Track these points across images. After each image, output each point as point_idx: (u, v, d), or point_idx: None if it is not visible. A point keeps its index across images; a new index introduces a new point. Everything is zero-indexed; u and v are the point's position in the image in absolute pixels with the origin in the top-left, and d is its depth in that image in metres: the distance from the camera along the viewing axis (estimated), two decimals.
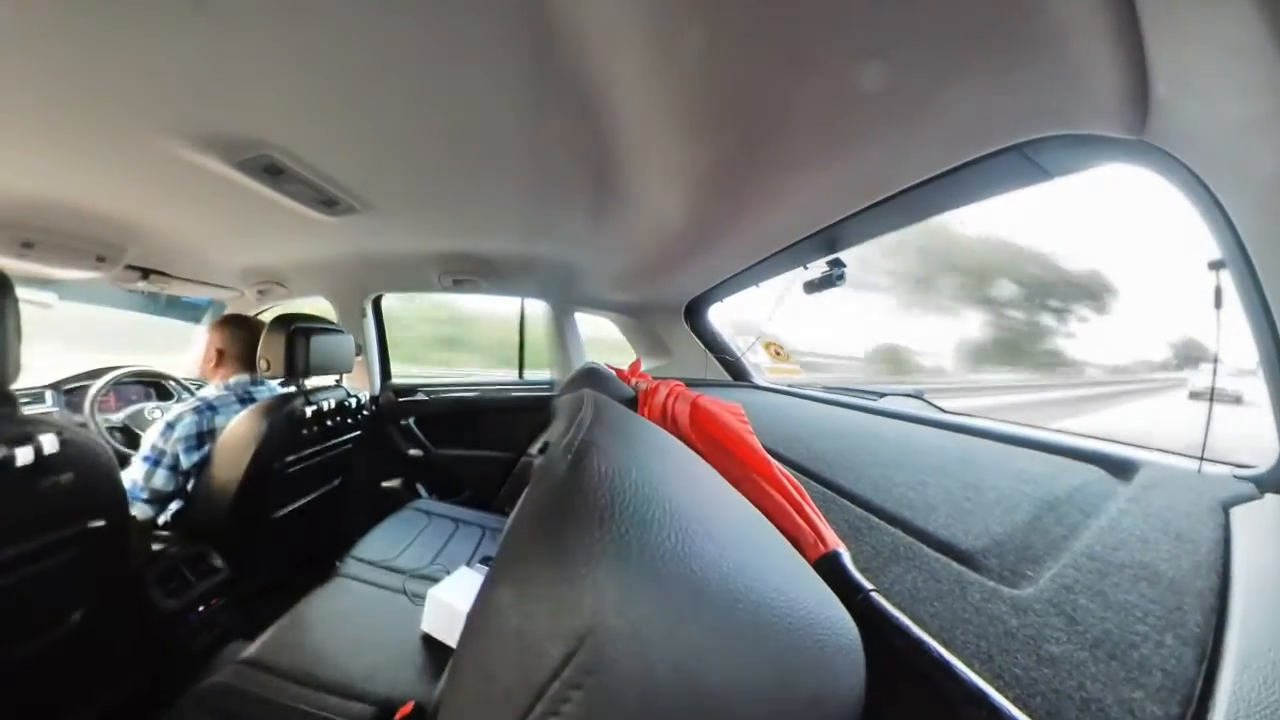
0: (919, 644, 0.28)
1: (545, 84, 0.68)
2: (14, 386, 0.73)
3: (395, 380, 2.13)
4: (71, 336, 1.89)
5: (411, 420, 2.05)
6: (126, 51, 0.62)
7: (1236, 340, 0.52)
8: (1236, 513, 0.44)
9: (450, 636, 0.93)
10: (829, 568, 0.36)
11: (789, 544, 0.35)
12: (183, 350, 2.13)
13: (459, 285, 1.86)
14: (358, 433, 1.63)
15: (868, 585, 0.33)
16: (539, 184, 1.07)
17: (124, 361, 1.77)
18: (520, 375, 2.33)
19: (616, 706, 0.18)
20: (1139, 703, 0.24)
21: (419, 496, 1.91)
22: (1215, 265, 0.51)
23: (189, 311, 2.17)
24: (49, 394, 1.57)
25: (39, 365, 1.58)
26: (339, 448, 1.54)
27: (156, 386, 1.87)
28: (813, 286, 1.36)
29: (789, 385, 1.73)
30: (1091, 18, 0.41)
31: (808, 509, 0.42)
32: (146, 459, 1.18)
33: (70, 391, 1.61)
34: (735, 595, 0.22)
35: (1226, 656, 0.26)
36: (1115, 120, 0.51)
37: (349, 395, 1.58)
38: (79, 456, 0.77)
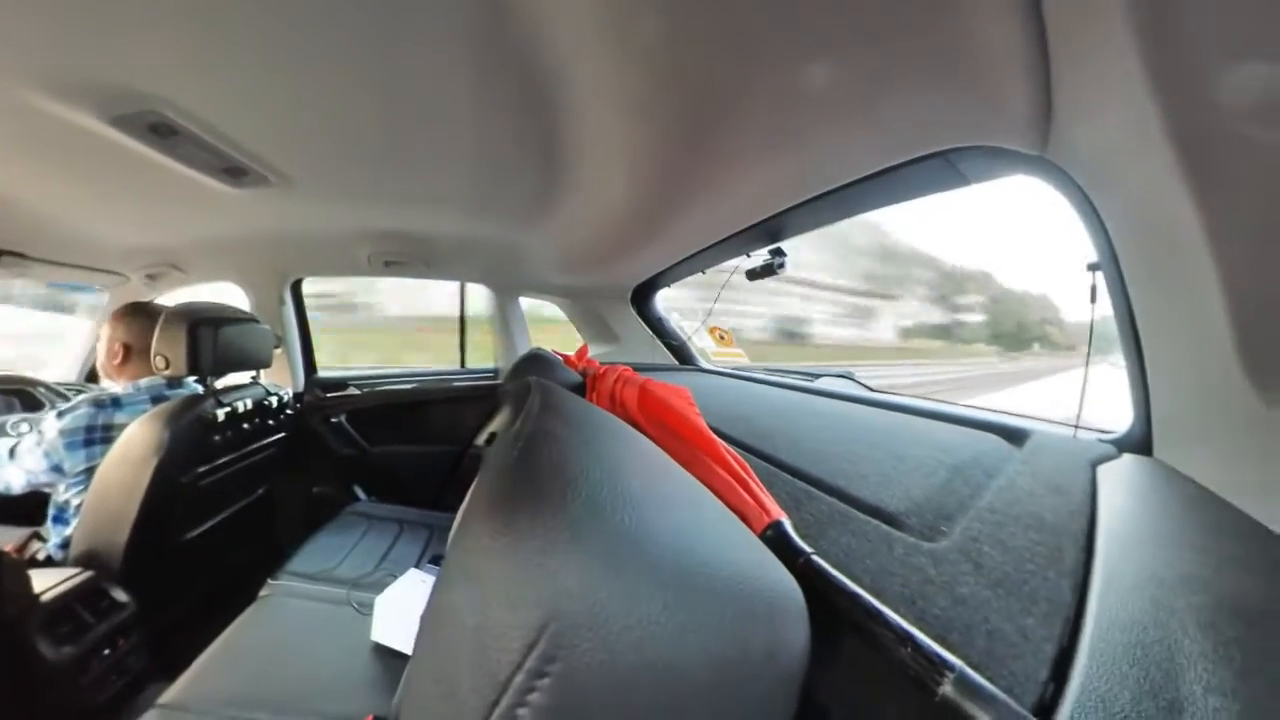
0: (854, 597, 0.32)
1: (491, 52, 0.64)
2: None
3: (321, 374, 1.96)
4: None
5: (343, 417, 1.90)
6: None
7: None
8: (1101, 469, 0.53)
9: (404, 643, 0.89)
10: (773, 536, 0.39)
11: (736, 517, 0.38)
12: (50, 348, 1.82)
13: (391, 268, 1.74)
14: (281, 434, 1.49)
15: (808, 549, 0.37)
16: (482, 159, 1.01)
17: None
18: (462, 364, 2.23)
19: (583, 690, 0.18)
20: (1031, 628, 0.29)
21: (357, 499, 1.79)
22: (1093, 267, 0.61)
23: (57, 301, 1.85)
24: None
25: None
26: (260, 453, 1.40)
27: (21, 395, 1.58)
28: (755, 274, 1.42)
29: (733, 368, 1.80)
30: (1008, 41, 0.46)
31: (752, 484, 0.45)
32: (12, 454, 1.04)
33: None
34: (689, 570, 0.23)
35: (1093, 583, 0.33)
36: (1023, 137, 0.57)
37: (269, 394, 1.43)
38: None
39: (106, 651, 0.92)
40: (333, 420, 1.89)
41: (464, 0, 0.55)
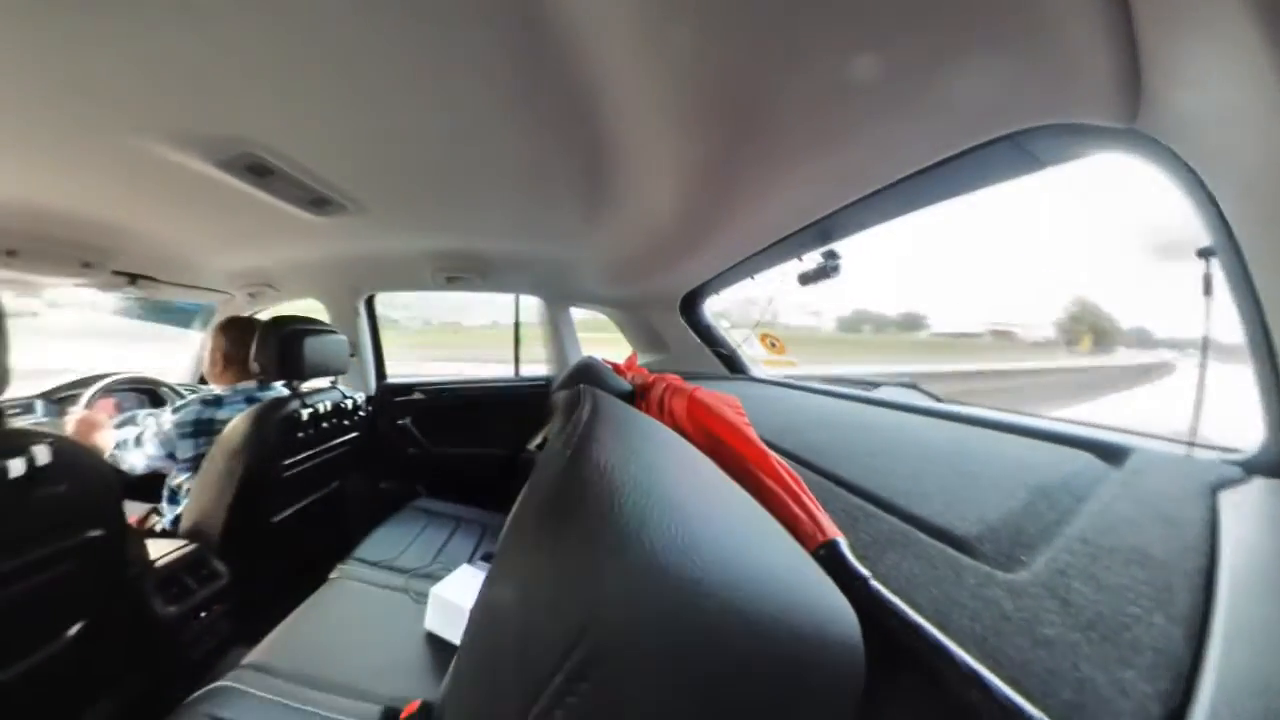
0: (916, 629, 0.29)
1: (535, 79, 0.68)
2: (3, 397, 0.72)
3: (390, 380, 2.12)
4: (61, 344, 1.87)
5: (408, 419, 2.05)
6: (102, 48, 0.60)
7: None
8: (1224, 496, 0.44)
9: (454, 634, 0.93)
10: (827, 556, 0.36)
11: (788, 533, 0.36)
12: (173, 356, 2.12)
13: (452, 283, 1.85)
14: (355, 434, 1.63)
15: (865, 573, 0.34)
16: (531, 179, 1.07)
17: (115, 369, 1.76)
18: (516, 372, 2.33)
19: (620, 699, 0.18)
20: (1130, 681, 0.25)
21: (418, 495, 1.91)
22: (1204, 253, 0.52)
23: (180, 316, 2.15)
24: (39, 404, 1.57)
25: (26, 373, 1.56)
26: (337, 449, 1.54)
27: (150, 394, 1.85)
28: (808, 278, 1.36)
29: (785, 377, 1.74)
30: (1084, 7, 0.41)
31: (805, 499, 0.43)
32: (139, 442, 1.22)
33: (61, 401, 1.59)
34: (735, 585, 0.22)
35: (1214, 634, 0.27)
36: (1107, 109, 0.51)
37: (345, 396, 1.58)
38: (73, 466, 0.76)
39: (204, 614, 1.05)
40: (399, 422, 2.03)
41: (505, 26, 0.58)
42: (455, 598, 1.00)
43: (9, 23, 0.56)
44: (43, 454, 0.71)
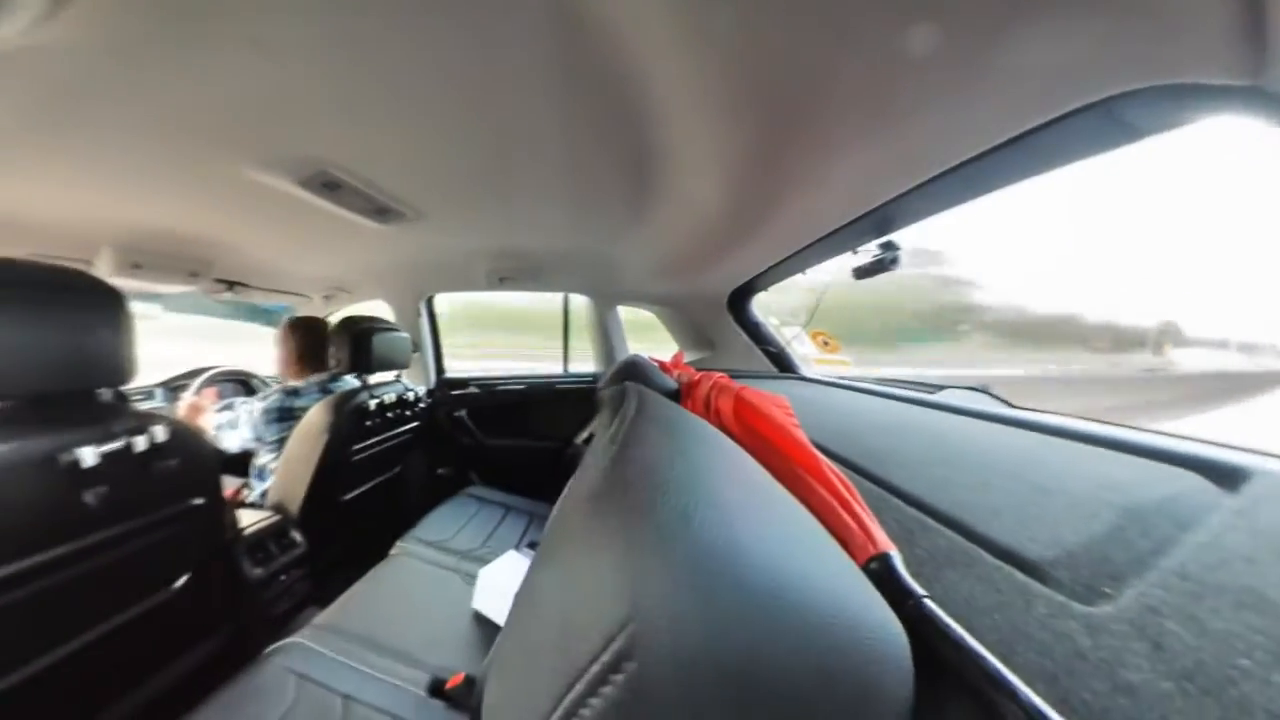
0: (975, 657, 0.26)
1: (577, 80, 0.69)
2: (130, 385, 0.84)
3: (448, 375, 2.25)
4: (173, 341, 2.15)
5: (464, 412, 2.16)
6: (198, 91, 0.69)
7: None
8: None
9: (498, 615, 0.98)
10: (878, 570, 0.34)
11: (836, 543, 0.34)
12: (262, 350, 2.37)
13: (505, 283, 1.93)
14: (415, 423, 1.75)
15: (920, 591, 0.31)
16: (577, 179, 1.08)
17: (217, 362, 2.03)
18: (565, 368, 2.39)
19: (654, 695, 0.18)
20: None
21: (471, 483, 2.02)
22: None
23: (268, 317, 2.40)
24: (158, 391, 1.85)
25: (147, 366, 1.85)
26: (399, 438, 1.66)
27: (244, 383, 2.11)
28: (863, 272, 1.28)
29: (838, 377, 1.65)
30: None
31: (857, 507, 0.40)
32: (235, 425, 1.40)
33: (174, 388, 1.87)
34: (778, 592, 0.21)
35: None
36: (1224, 65, 0.43)
37: (407, 389, 1.70)
38: (183, 444, 0.87)
39: (283, 577, 1.19)
40: (455, 414, 2.15)
41: (545, 32, 0.58)
42: (501, 581, 1.05)
43: (131, 74, 0.64)
44: (160, 433, 0.82)
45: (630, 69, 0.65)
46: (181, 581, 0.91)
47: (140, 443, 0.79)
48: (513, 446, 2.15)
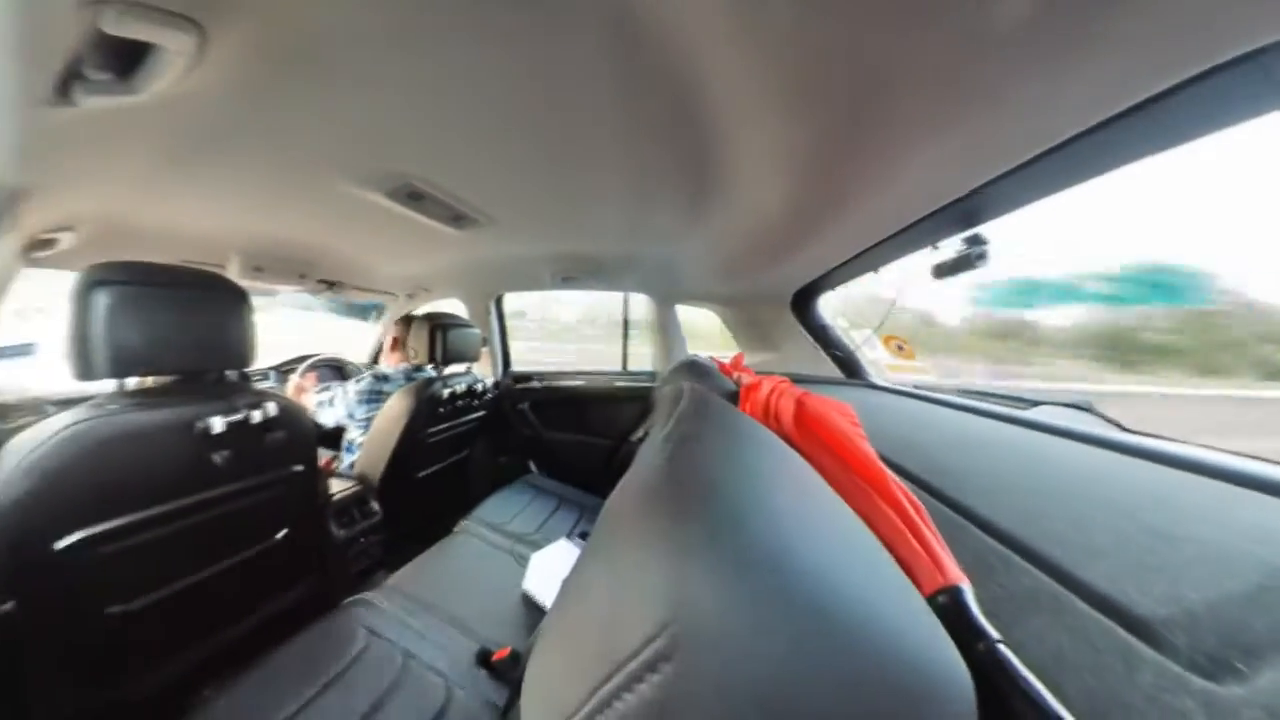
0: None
1: (635, 85, 0.70)
2: (250, 368, 0.99)
3: (514, 369, 2.38)
4: (284, 332, 2.51)
5: (526, 405, 2.28)
6: (307, 121, 0.80)
7: None
8: None
9: (546, 598, 1.02)
10: (946, 604, 0.30)
11: (899, 568, 0.31)
12: (356, 341, 2.69)
13: (567, 282, 2.00)
14: (482, 413, 1.88)
15: (994, 634, 0.28)
16: (637, 182, 1.10)
17: (319, 350, 2.35)
18: (624, 367, 2.43)
19: (689, 699, 0.18)
20: None
21: (530, 472, 2.13)
22: None
23: (361, 312, 2.71)
24: (271, 373, 2.17)
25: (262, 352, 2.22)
26: (468, 424, 1.80)
27: (340, 369, 2.40)
28: (945, 270, 1.16)
29: (913, 386, 1.52)
30: None
31: (925, 531, 0.36)
32: (331, 404, 1.60)
33: (284, 371, 2.19)
34: (829, 613, 0.20)
35: None
36: None
37: (477, 380, 1.83)
38: (289, 419, 1.01)
39: (362, 540, 1.34)
40: (519, 407, 2.27)
41: (602, 40, 0.60)
42: (551, 566, 1.09)
43: (254, 111, 0.76)
44: (272, 408, 0.96)
45: (687, 71, 0.64)
46: (281, 534, 1.06)
47: (256, 416, 0.93)
48: (570, 440, 2.23)
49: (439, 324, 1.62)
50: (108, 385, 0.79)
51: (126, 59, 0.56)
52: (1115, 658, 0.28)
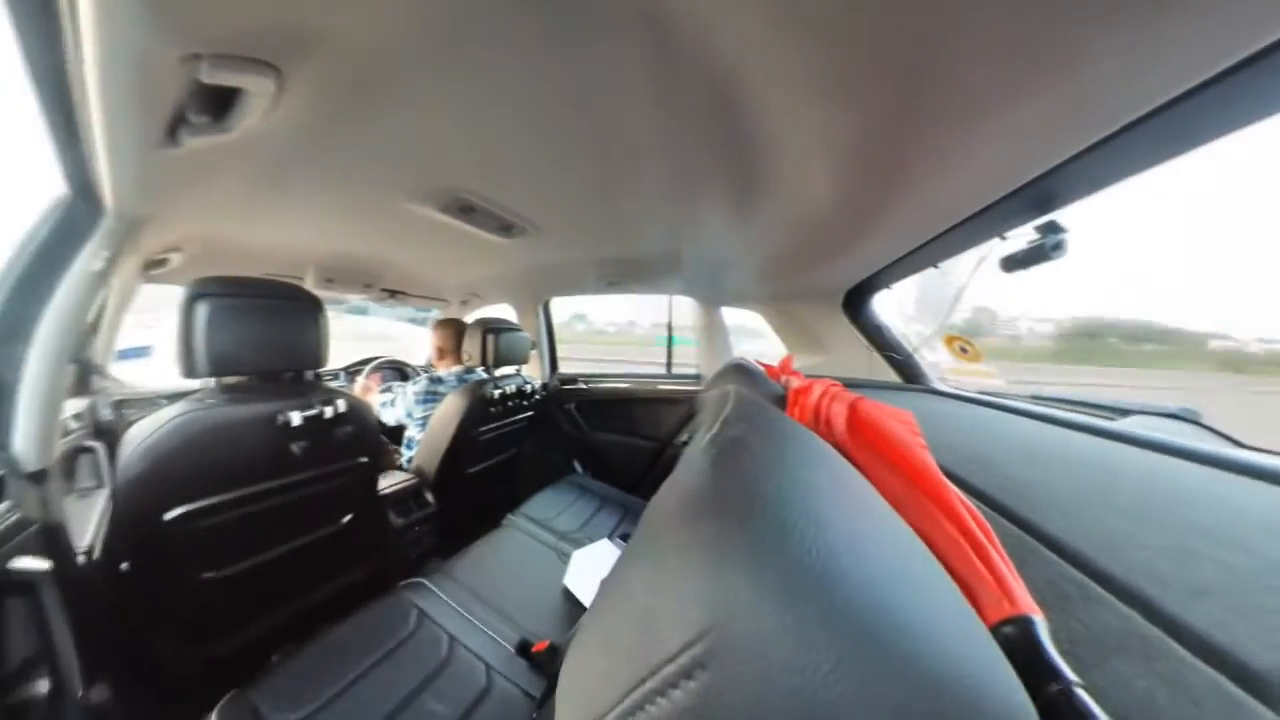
0: None
1: (674, 86, 0.69)
2: (324, 369, 1.10)
3: (561, 371, 2.45)
4: (351, 337, 2.74)
5: (573, 406, 2.33)
6: (369, 146, 0.87)
7: None
8: None
9: (585, 595, 1.04)
10: (1014, 637, 0.28)
11: (960, 591, 0.28)
12: (412, 344, 2.88)
13: (612, 286, 2.03)
14: (530, 413, 1.95)
15: (1072, 676, 0.25)
16: (680, 184, 1.10)
17: (381, 353, 2.54)
18: (668, 369, 2.43)
19: (725, 709, 0.17)
20: None
21: (574, 471, 2.17)
22: None
23: (419, 318, 2.91)
24: (340, 374, 2.39)
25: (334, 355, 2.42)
26: (517, 424, 1.87)
27: (400, 371, 2.58)
28: (1015, 262, 1.05)
29: (979, 392, 1.39)
30: None
31: (992, 552, 0.33)
32: (393, 403, 1.73)
33: (351, 372, 2.40)
34: (878, 634, 0.19)
35: None
36: None
37: (525, 382, 1.90)
38: (356, 415, 1.11)
39: (416, 529, 1.45)
40: (565, 407, 2.33)
41: (644, 44, 0.60)
42: (592, 564, 1.11)
43: (325, 140, 0.83)
44: (342, 405, 1.06)
45: (725, 64, 0.63)
46: (346, 519, 1.16)
47: (328, 411, 1.03)
48: (615, 442, 2.26)
49: (490, 328, 1.70)
50: (207, 382, 0.91)
51: (219, 103, 0.64)
52: (1221, 717, 0.24)
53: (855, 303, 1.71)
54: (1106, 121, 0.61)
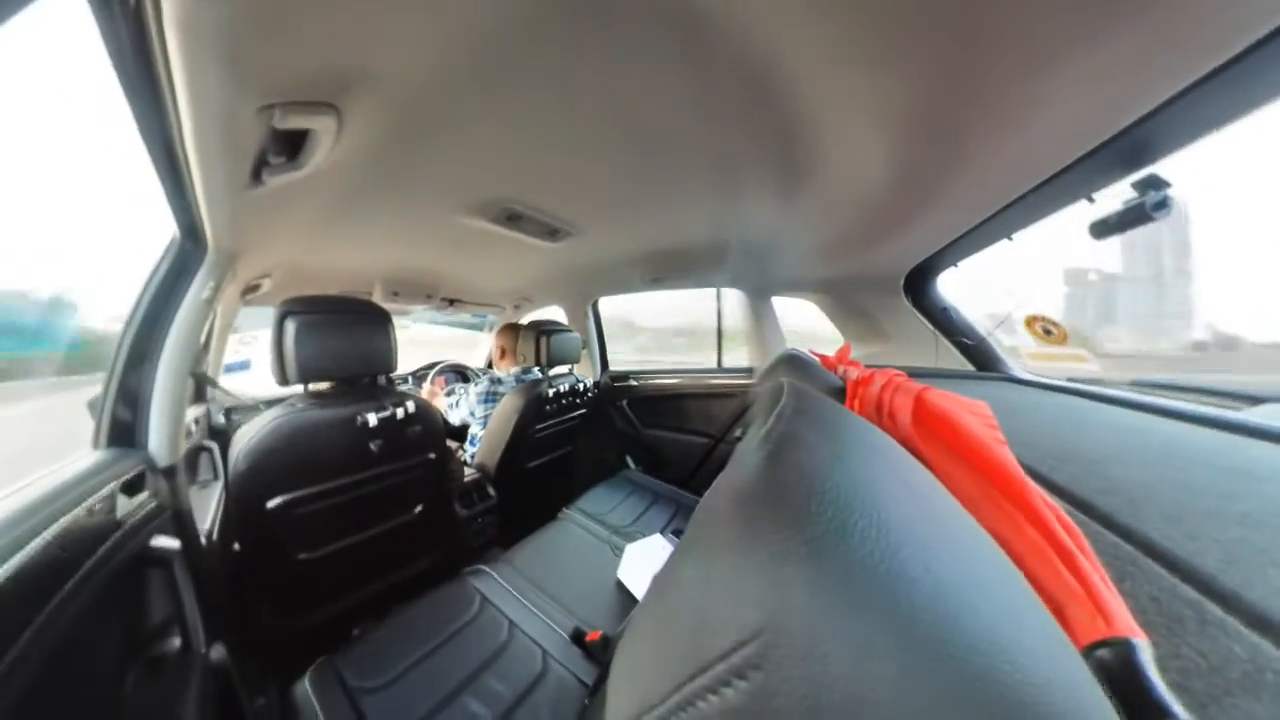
0: None
1: (710, 72, 0.68)
2: (394, 374, 1.19)
3: (613, 369, 2.49)
4: (418, 343, 2.92)
5: (625, 403, 2.37)
6: (422, 168, 0.93)
7: None
8: None
9: (638, 589, 1.05)
10: (1110, 663, 0.24)
11: (1044, 606, 0.26)
12: (472, 348, 3.04)
13: (657, 283, 2.03)
14: (583, 411, 2.01)
15: (1182, 713, 0.21)
16: (722, 173, 1.07)
17: (445, 357, 2.71)
18: (719, 363, 2.39)
19: (778, 713, 0.17)
20: None
21: (628, 467, 2.20)
22: None
23: (478, 323, 3.06)
24: (409, 378, 2.59)
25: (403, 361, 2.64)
26: (570, 422, 1.94)
27: (462, 374, 2.75)
28: (1107, 227, 0.91)
29: (1067, 379, 1.24)
30: None
31: (1084, 563, 0.30)
32: (457, 404, 1.86)
33: (419, 376, 2.59)
34: (948, 651, 0.17)
35: None
36: None
37: (578, 380, 1.96)
38: (424, 415, 1.20)
39: (479, 520, 1.55)
40: (618, 404, 2.37)
41: (679, 34, 0.59)
42: (644, 559, 1.12)
43: (382, 169, 0.91)
44: (411, 406, 1.15)
45: (762, 49, 0.61)
46: (418, 510, 1.27)
47: (400, 412, 1.12)
48: (666, 438, 2.26)
49: (543, 330, 1.78)
50: (297, 389, 1.02)
51: (292, 144, 0.72)
52: None
53: (918, 284, 1.58)
54: (1206, 56, 0.53)
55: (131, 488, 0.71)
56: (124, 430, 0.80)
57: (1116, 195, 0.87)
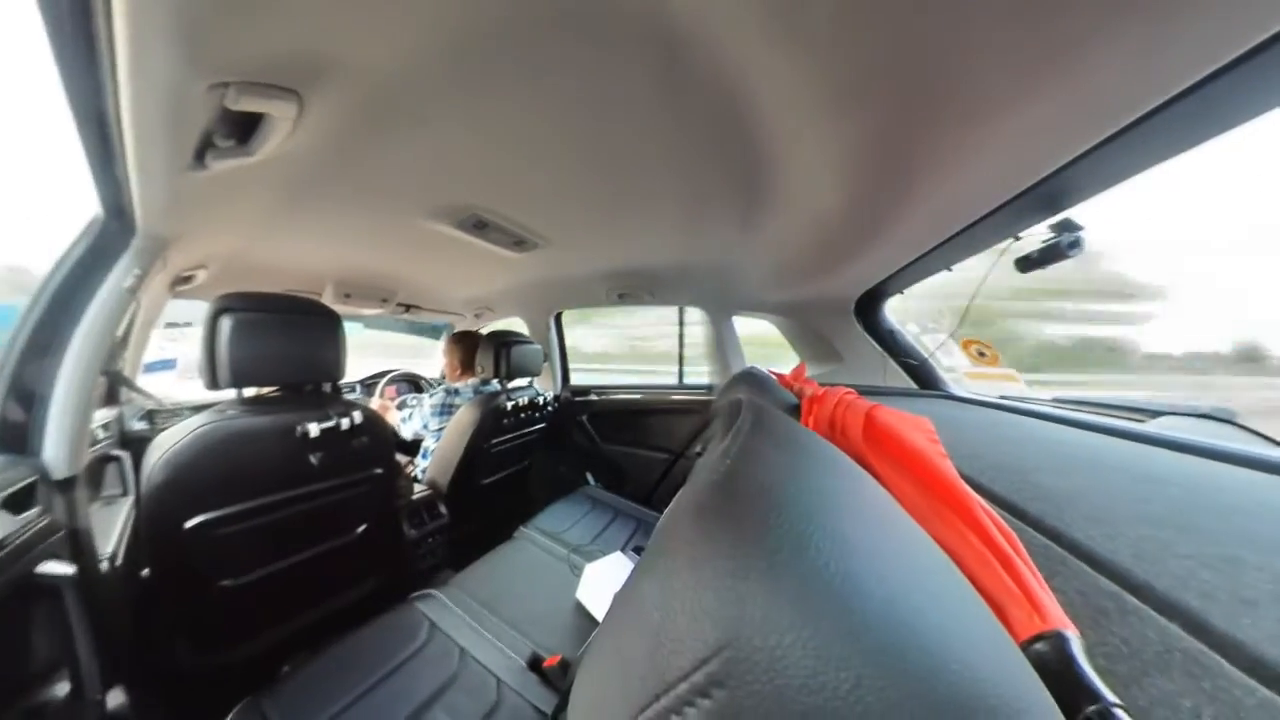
0: None
1: (680, 101, 0.71)
2: (341, 381, 1.11)
3: (573, 383, 2.46)
4: (367, 350, 2.77)
5: (585, 417, 2.33)
6: (385, 165, 0.90)
7: None
8: None
9: (598, 609, 1.02)
10: (1045, 655, 0.27)
11: (987, 606, 0.27)
12: (429, 357, 2.91)
13: (623, 299, 2.04)
14: (543, 425, 1.96)
15: (1110, 697, 0.24)
16: (688, 197, 1.11)
17: (397, 366, 2.58)
18: (680, 379, 2.42)
19: None
20: None
21: (587, 483, 2.16)
22: None
23: (433, 332, 2.95)
24: (357, 386, 2.44)
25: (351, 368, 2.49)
26: (529, 436, 1.88)
27: (415, 383, 2.62)
28: (1031, 262, 1.04)
29: (999, 397, 1.36)
30: None
31: (1020, 565, 0.32)
32: (410, 417, 1.75)
33: (368, 385, 2.45)
34: (902, 652, 0.18)
35: None
36: None
37: (538, 394, 1.91)
38: (371, 426, 1.12)
39: (430, 540, 1.45)
40: (578, 419, 2.34)
41: (651, 61, 0.61)
42: (604, 578, 1.09)
43: (341, 162, 0.86)
44: (358, 417, 1.08)
45: (733, 79, 0.64)
46: (360, 529, 1.17)
47: (345, 423, 1.05)
48: (627, 453, 2.25)
49: (503, 341, 1.73)
50: (229, 393, 0.93)
51: (244, 127, 0.68)
52: None
53: (867, 309, 1.69)
54: (1115, 117, 0.61)
55: (17, 503, 0.62)
56: (13, 433, 0.69)
57: (1037, 235, 0.98)
